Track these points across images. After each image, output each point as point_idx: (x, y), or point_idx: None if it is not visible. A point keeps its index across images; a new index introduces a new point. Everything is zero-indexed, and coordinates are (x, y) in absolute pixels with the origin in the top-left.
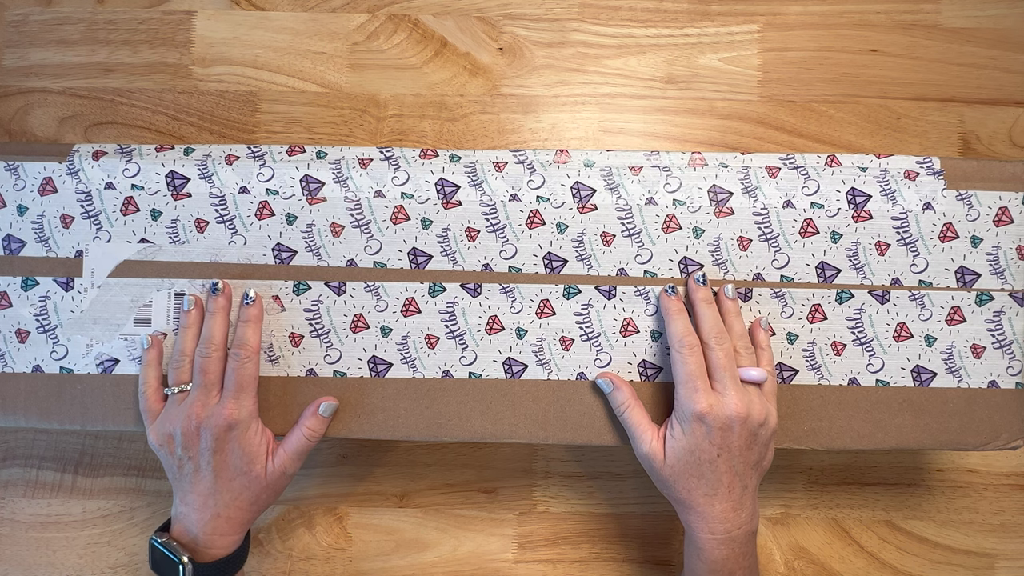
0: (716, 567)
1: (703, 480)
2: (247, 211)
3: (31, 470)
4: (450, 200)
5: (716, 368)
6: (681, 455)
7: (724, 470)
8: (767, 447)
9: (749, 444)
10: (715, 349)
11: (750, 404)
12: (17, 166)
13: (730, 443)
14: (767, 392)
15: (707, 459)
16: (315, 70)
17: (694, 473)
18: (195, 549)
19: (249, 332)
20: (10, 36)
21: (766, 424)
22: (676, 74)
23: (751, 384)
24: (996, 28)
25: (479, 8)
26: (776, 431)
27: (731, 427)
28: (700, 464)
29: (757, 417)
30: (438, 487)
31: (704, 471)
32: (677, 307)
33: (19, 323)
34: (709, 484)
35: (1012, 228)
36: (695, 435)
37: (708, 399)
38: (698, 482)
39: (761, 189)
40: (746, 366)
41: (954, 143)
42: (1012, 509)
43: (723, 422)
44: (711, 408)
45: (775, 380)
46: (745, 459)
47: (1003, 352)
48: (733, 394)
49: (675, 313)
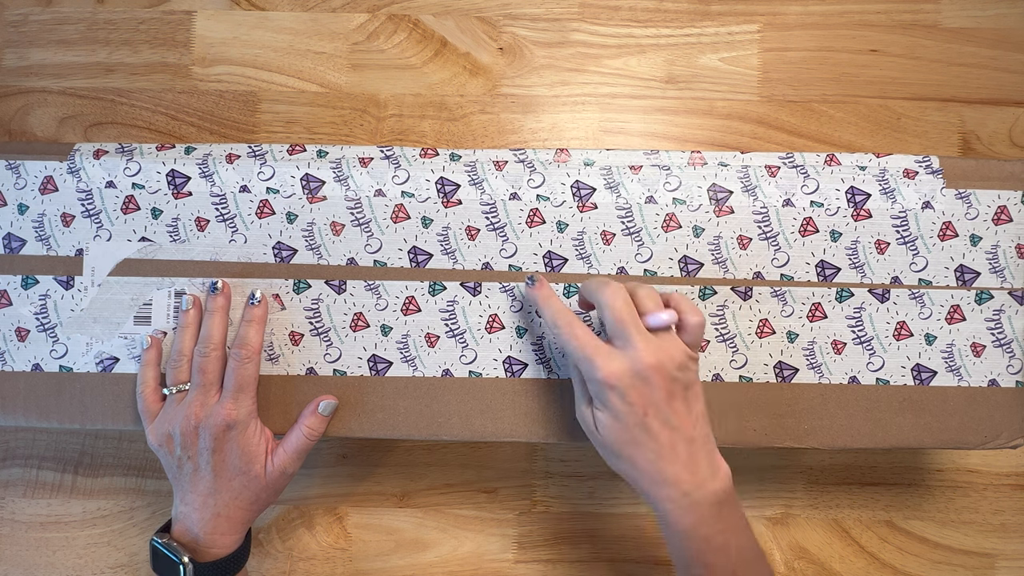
0: (688, 537)
1: (641, 446)
2: (247, 210)
3: (31, 470)
4: (450, 199)
5: (610, 323)
6: (609, 429)
7: (658, 428)
8: (692, 388)
9: (672, 392)
10: (608, 304)
11: (659, 349)
12: (18, 165)
13: (652, 398)
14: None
15: (635, 422)
16: (315, 70)
17: (629, 440)
18: (196, 549)
19: (252, 332)
20: (10, 36)
21: (684, 365)
22: (676, 74)
23: (661, 329)
24: (996, 28)
25: (479, 8)
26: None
27: (647, 381)
28: (631, 429)
29: (671, 362)
30: (438, 487)
31: (638, 436)
32: (545, 293)
33: (19, 322)
34: (649, 448)
35: (1011, 227)
36: (613, 405)
37: (608, 363)
38: (637, 449)
39: (761, 188)
40: (651, 310)
41: (954, 143)
42: (1012, 509)
43: (632, 379)
44: (617, 371)
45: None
46: (674, 409)
47: (1003, 351)
48: (636, 345)
49: (543, 301)
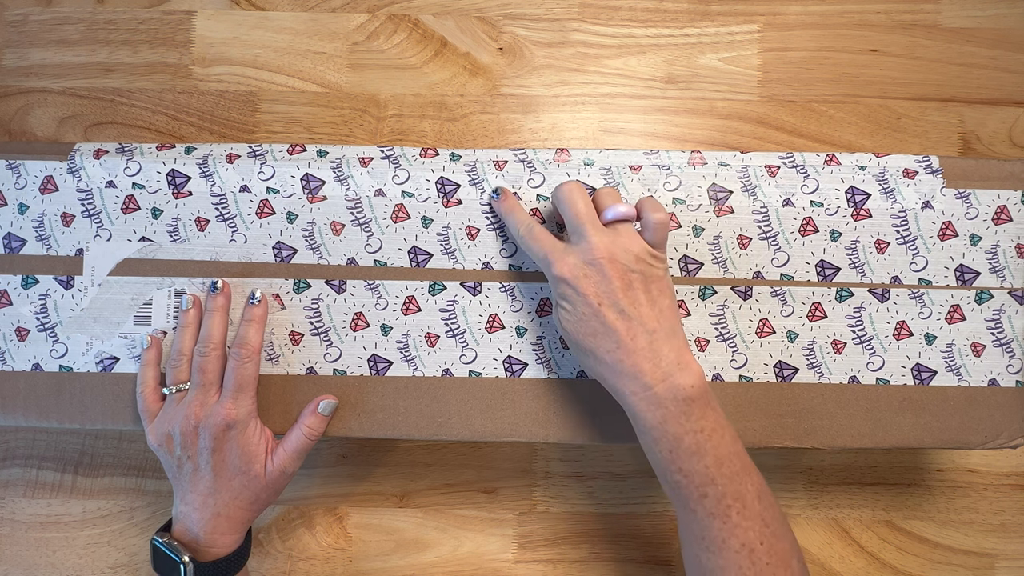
0: (657, 434)
1: (599, 336)
2: (248, 210)
3: (31, 470)
4: (450, 199)
5: (569, 224)
6: (569, 323)
7: (613, 318)
8: (656, 283)
9: (628, 283)
10: (563, 202)
11: (613, 242)
12: (18, 165)
13: (606, 288)
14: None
15: (591, 313)
16: (315, 70)
17: (589, 332)
18: (196, 549)
19: (252, 332)
20: (10, 36)
21: (642, 258)
22: (676, 74)
23: (619, 223)
24: (996, 28)
25: (479, 8)
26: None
27: (599, 270)
28: (587, 320)
29: (626, 254)
30: (438, 487)
31: (595, 326)
32: (510, 204)
33: (19, 321)
34: (607, 338)
35: (1011, 226)
36: (569, 297)
37: (563, 259)
38: (595, 340)
39: (760, 188)
40: (610, 204)
41: (954, 143)
42: (1012, 509)
43: (584, 271)
44: (569, 264)
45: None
46: (632, 300)
47: (1003, 350)
48: (589, 238)
49: (510, 210)
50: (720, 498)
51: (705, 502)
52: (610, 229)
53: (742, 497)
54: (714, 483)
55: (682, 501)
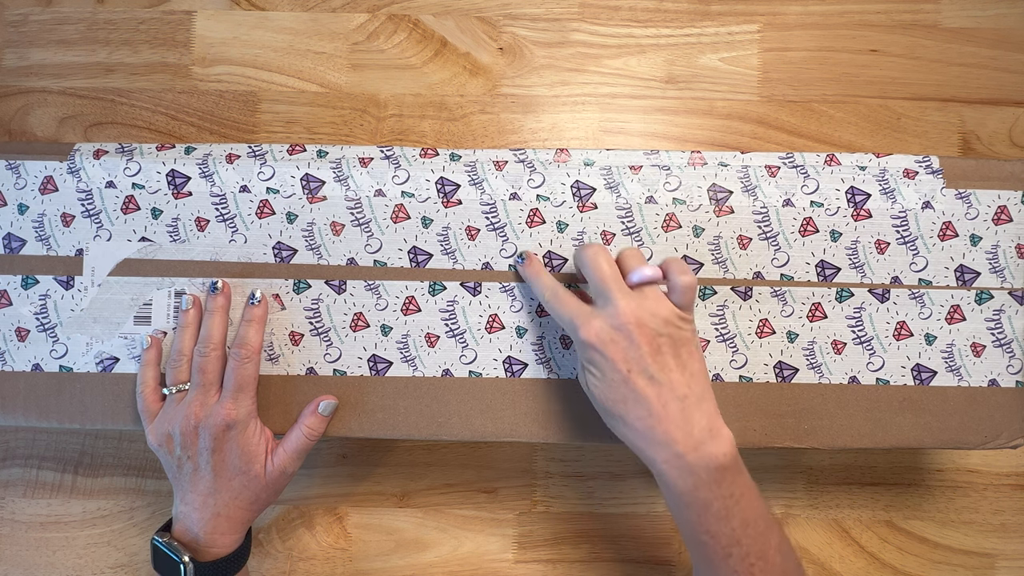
0: (686, 501)
1: (629, 403)
2: (248, 210)
3: (31, 470)
4: (450, 199)
5: (593, 284)
6: (598, 389)
7: (643, 385)
8: (685, 347)
9: (657, 348)
10: (589, 268)
11: (640, 306)
12: (18, 165)
13: (634, 354)
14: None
15: (620, 379)
16: (315, 70)
17: (619, 399)
18: (196, 548)
19: (252, 332)
20: (10, 36)
21: (670, 321)
22: (676, 74)
23: (645, 285)
24: (996, 28)
25: (479, 8)
26: (689, 327)
27: (628, 336)
28: (617, 387)
29: (654, 318)
30: (438, 487)
31: (625, 393)
32: (535, 269)
33: (19, 322)
34: (638, 405)
35: (1011, 227)
36: (597, 363)
37: (589, 323)
38: (627, 407)
39: (761, 188)
40: (634, 267)
41: (954, 143)
42: (1012, 509)
43: (612, 336)
44: (596, 329)
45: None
46: (661, 365)
47: (1003, 350)
48: (616, 303)
49: (535, 275)
50: (744, 557)
51: (729, 561)
52: (636, 292)
53: (764, 555)
54: (739, 544)
55: (706, 559)
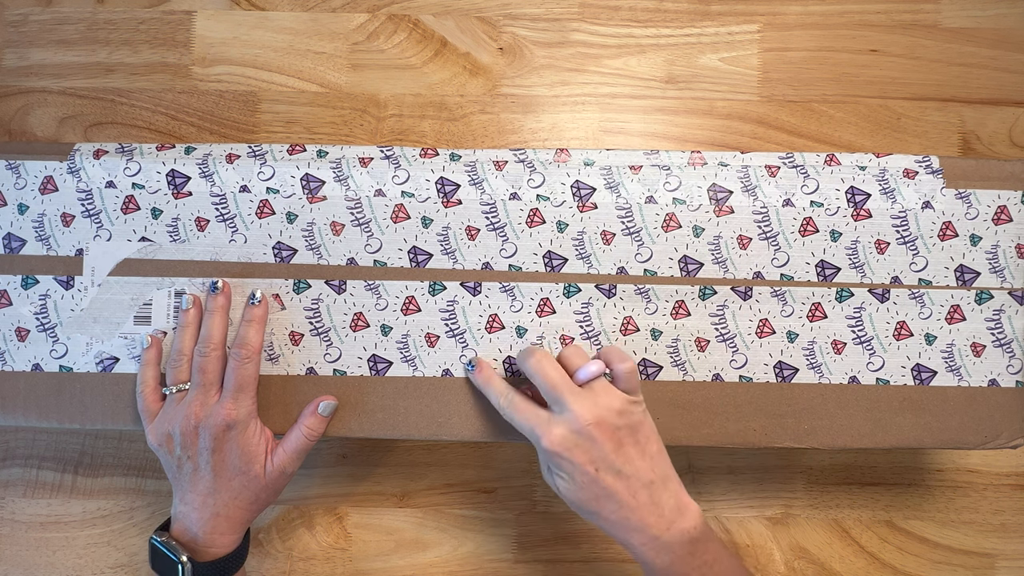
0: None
1: (602, 500)
2: (247, 210)
3: (31, 470)
4: (450, 199)
5: (546, 394)
6: (570, 492)
7: (611, 481)
8: (640, 433)
9: (619, 442)
10: (534, 375)
11: (595, 404)
12: (18, 165)
13: (598, 453)
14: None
15: (589, 480)
16: (315, 70)
17: (590, 498)
18: (195, 548)
19: (252, 332)
20: (10, 36)
21: (624, 411)
22: (676, 74)
23: (593, 381)
24: (996, 28)
25: (479, 8)
26: (640, 412)
27: (589, 438)
28: (587, 487)
29: (609, 412)
30: (438, 487)
31: (596, 492)
32: (486, 376)
33: (19, 322)
34: (610, 500)
35: (1011, 227)
36: (564, 469)
37: (551, 430)
38: (599, 504)
39: (761, 188)
40: (578, 365)
41: (954, 143)
42: (1012, 509)
43: (575, 441)
44: (558, 437)
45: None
46: (625, 457)
47: (1003, 350)
48: (572, 407)
49: (486, 382)
50: None
51: None
52: (586, 390)
53: None
54: None
55: None
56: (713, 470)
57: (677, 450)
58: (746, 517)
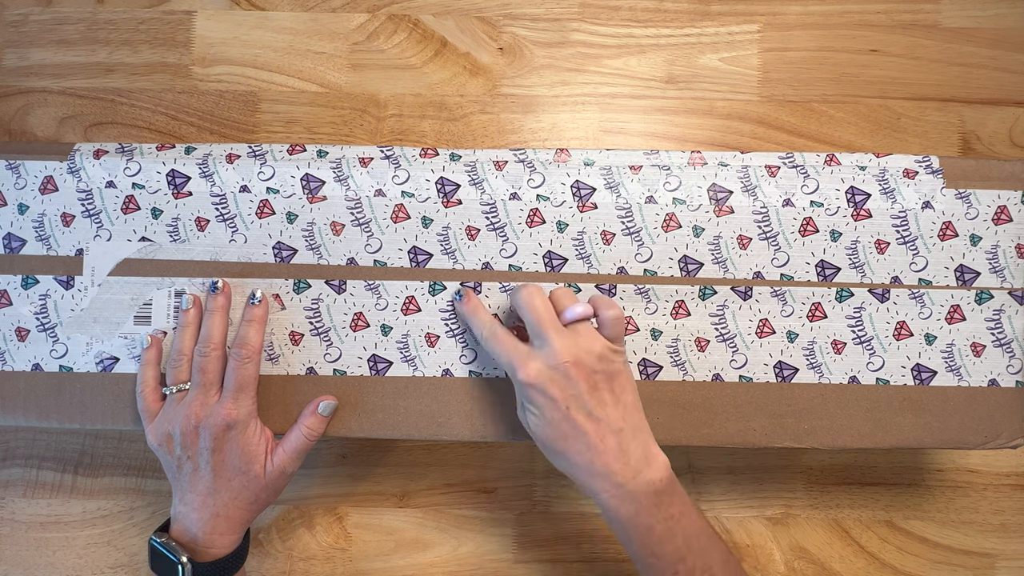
0: (630, 527)
1: (570, 439)
2: (248, 210)
3: (31, 470)
4: (450, 199)
5: (531, 327)
6: (539, 427)
7: (582, 421)
8: (618, 380)
9: (594, 385)
10: (524, 309)
11: (575, 344)
12: (18, 165)
13: (572, 391)
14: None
15: (560, 417)
16: (315, 70)
17: (557, 436)
18: (194, 549)
19: (252, 332)
20: (10, 36)
21: (604, 356)
22: (676, 74)
23: (578, 322)
24: (996, 28)
25: (479, 8)
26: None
27: (565, 375)
28: (557, 425)
29: (589, 355)
30: (438, 487)
31: (565, 430)
32: (472, 305)
33: (19, 321)
34: (578, 441)
35: (1011, 227)
36: (537, 402)
37: (528, 363)
38: (566, 443)
39: (761, 188)
40: (567, 305)
41: (954, 143)
42: (1012, 509)
43: (550, 376)
44: (534, 370)
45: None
46: (598, 400)
47: (1003, 350)
48: (552, 343)
49: (472, 312)
50: (690, 572)
51: None
52: (570, 330)
53: (709, 568)
54: (684, 560)
55: None
56: (713, 470)
57: (677, 450)
58: (746, 517)
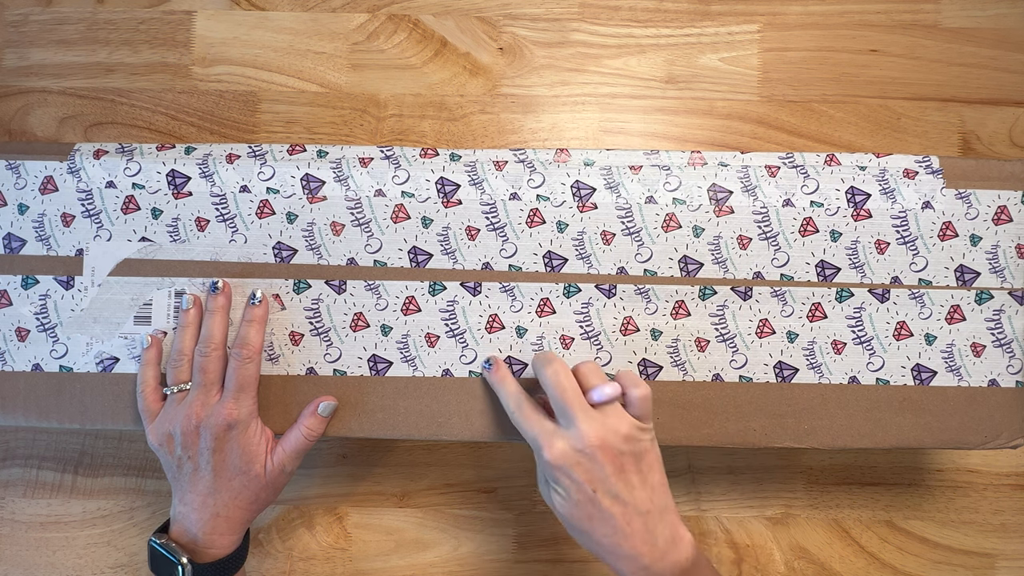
0: None
1: (595, 521)
2: (248, 210)
3: (31, 470)
4: (450, 199)
5: (556, 405)
6: (564, 507)
7: (608, 504)
8: (645, 461)
9: (621, 467)
10: (548, 386)
11: (603, 426)
12: (18, 165)
13: (599, 474)
14: (634, 404)
15: (586, 499)
16: (315, 70)
17: (584, 518)
18: (194, 549)
19: (252, 332)
20: (10, 36)
21: (631, 436)
22: (676, 74)
23: (606, 404)
24: (996, 28)
25: (479, 8)
26: (649, 442)
27: (591, 458)
28: (582, 506)
29: (616, 436)
30: (438, 487)
31: (591, 511)
32: (501, 375)
33: (19, 322)
34: (604, 523)
35: (1011, 227)
36: (562, 484)
37: (554, 445)
38: (592, 524)
39: (761, 188)
40: (595, 384)
41: (954, 143)
42: (1012, 509)
43: (577, 459)
44: (560, 451)
45: (643, 391)
46: (625, 483)
47: (1003, 351)
48: (579, 425)
49: (500, 382)
50: None
51: None
52: (598, 411)
53: None
54: None
55: None
56: (713, 470)
57: (677, 450)
58: (746, 517)
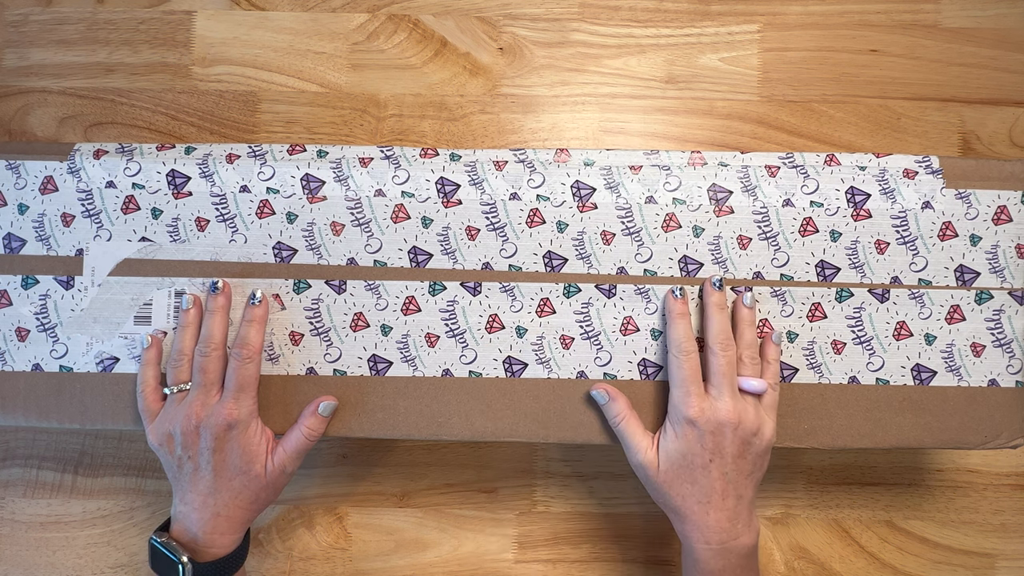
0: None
1: (696, 486)
2: (248, 210)
3: (31, 470)
4: (450, 199)
5: (715, 374)
6: (674, 459)
7: (717, 476)
8: (761, 459)
9: (742, 452)
10: (718, 355)
11: (743, 412)
12: (18, 165)
13: (722, 449)
14: (766, 405)
15: (700, 464)
16: (315, 70)
17: (687, 478)
18: (195, 549)
19: (252, 332)
20: (10, 36)
21: (760, 434)
22: (676, 74)
23: (750, 394)
24: (996, 28)
25: (479, 8)
26: (771, 445)
27: (723, 432)
28: (693, 469)
29: (750, 426)
30: (438, 487)
31: (697, 476)
32: (680, 311)
33: (19, 322)
34: (702, 491)
35: (1011, 227)
36: (687, 439)
37: (700, 403)
38: (691, 488)
39: (760, 188)
40: (748, 375)
41: (954, 143)
42: (1012, 509)
43: (714, 426)
44: (703, 412)
45: (776, 395)
46: (739, 467)
47: (1003, 351)
48: (727, 400)
49: (677, 317)
50: None
51: None
52: (743, 397)
53: None
54: None
55: None
56: None
57: None
58: None
